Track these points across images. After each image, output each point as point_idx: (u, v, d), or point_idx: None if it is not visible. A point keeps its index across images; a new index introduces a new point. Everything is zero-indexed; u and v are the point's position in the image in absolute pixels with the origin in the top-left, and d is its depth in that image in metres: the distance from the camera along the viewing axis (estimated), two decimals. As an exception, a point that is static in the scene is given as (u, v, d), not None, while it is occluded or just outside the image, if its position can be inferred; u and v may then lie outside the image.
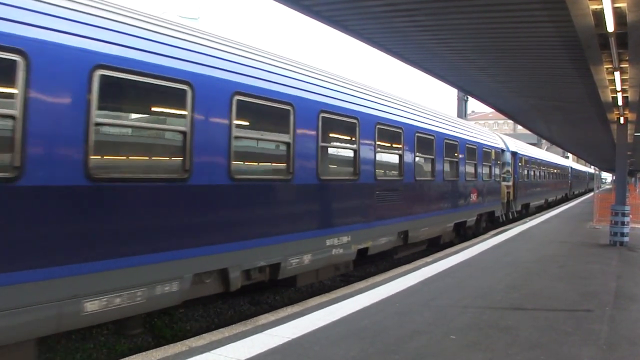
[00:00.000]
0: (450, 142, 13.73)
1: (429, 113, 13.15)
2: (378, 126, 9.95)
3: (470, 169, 15.61)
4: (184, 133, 6.00)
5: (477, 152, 16.06)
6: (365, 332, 5.75)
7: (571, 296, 7.75)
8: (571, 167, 48.33)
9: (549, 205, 32.49)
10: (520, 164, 23.20)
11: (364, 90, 10.11)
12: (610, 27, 7.52)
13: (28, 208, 4.64)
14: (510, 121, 44.04)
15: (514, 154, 22.15)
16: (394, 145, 10.98)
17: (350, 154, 9.33)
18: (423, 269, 9.78)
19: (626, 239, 13.60)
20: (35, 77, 4.64)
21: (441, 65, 13.11)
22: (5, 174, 4.46)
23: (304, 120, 7.90)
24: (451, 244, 14.36)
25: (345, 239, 8.95)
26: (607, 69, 10.34)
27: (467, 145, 15.02)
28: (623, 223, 13.61)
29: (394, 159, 11.01)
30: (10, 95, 4.58)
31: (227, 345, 5.27)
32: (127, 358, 5.11)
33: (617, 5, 7.00)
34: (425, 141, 12.25)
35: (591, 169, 69.40)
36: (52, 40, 4.79)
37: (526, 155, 25.25)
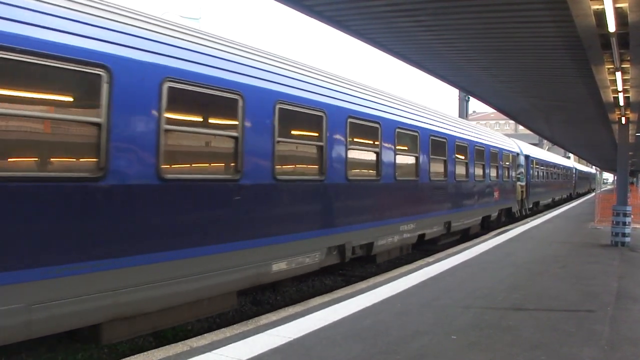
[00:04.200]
0: (479, 148, 16.30)
1: (463, 125, 16.28)
2: (432, 137, 12.46)
3: (493, 171, 18.06)
4: (320, 145, 8.55)
5: (498, 156, 18.67)
6: (367, 332, 5.75)
7: (573, 296, 7.75)
8: (575, 168, 50.19)
9: (555, 204, 34.70)
10: (532, 165, 25.47)
11: (425, 111, 12.82)
12: (612, 27, 7.52)
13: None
14: (511, 121, 44.01)
15: (526, 156, 24.35)
16: (441, 153, 13.37)
17: (412, 160, 11.80)
18: (424, 268, 9.77)
19: (628, 239, 13.57)
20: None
21: (443, 65, 13.12)
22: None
23: (387, 132, 10.36)
24: (475, 236, 16.10)
25: (412, 225, 11.48)
26: (608, 69, 10.33)
27: (491, 150, 17.63)
28: (624, 223, 13.58)
29: (440, 164, 13.37)
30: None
31: (229, 345, 5.27)
32: (128, 358, 5.11)
33: (618, 5, 7.00)
34: (461, 148, 14.71)
35: (593, 170, 69.21)
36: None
37: (537, 158, 27.57)
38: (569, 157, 61.51)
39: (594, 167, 69.18)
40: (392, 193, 10.73)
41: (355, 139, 9.39)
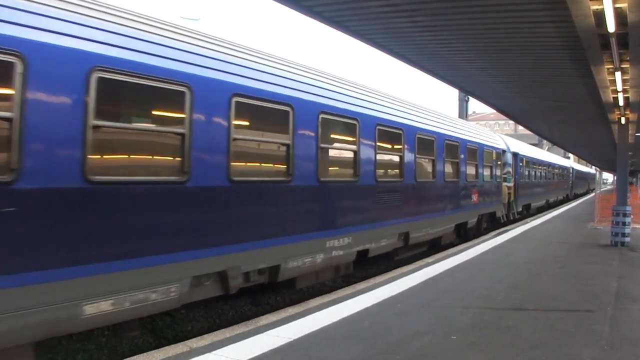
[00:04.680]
0: (451, 142, 13.73)
1: (428, 113, 13.05)
2: (379, 128, 10.04)
3: (471, 170, 15.50)
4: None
5: (478, 153, 16.03)
6: (367, 333, 5.75)
7: (572, 296, 7.75)
8: (572, 168, 47.77)
9: (549, 206, 32.17)
10: (521, 164, 23.17)
11: (368, 93, 10.38)
12: (611, 27, 7.52)
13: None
14: (511, 122, 44.07)
15: (515, 154, 22.08)
16: (394, 148, 10.91)
17: (349, 156, 9.32)
18: (424, 269, 9.78)
19: (627, 239, 13.59)
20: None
21: (442, 65, 13.12)
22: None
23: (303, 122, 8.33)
24: (451, 245, 14.09)
25: (346, 240, 9.05)
26: (608, 69, 10.33)
27: (467, 145, 14.98)
28: (624, 223, 13.59)
29: (392, 161, 10.97)
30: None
31: (229, 346, 5.27)
32: (128, 359, 5.11)
33: (617, 5, 7.00)
34: (426, 142, 12.17)
35: (592, 170, 69.13)
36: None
37: (527, 156, 25.11)
38: (568, 157, 61.47)
39: (593, 167, 69.16)
40: (314, 199, 8.37)
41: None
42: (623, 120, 15.52)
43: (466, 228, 15.44)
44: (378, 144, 9.97)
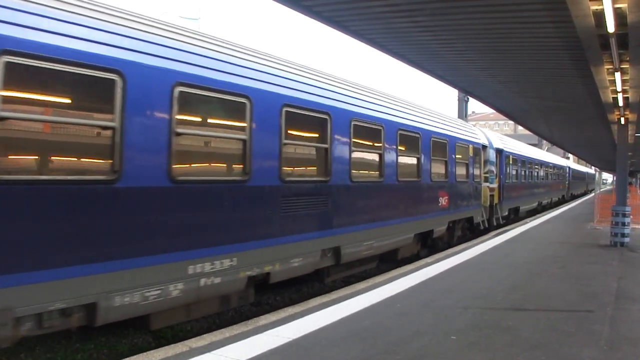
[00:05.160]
0: (408, 134, 11.08)
1: (372, 95, 10.43)
2: (287, 110, 7.64)
3: (438, 168, 12.92)
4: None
5: (447, 148, 13.35)
6: (366, 333, 5.75)
7: (572, 297, 7.75)
8: (569, 167, 45.03)
9: (543, 208, 29.92)
10: (507, 162, 20.63)
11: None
12: (611, 27, 7.52)
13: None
14: (510, 122, 44.06)
15: (499, 151, 19.46)
16: (314, 138, 8.62)
17: (236, 148, 6.96)
18: (424, 269, 9.78)
19: (627, 239, 13.60)
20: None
21: (442, 65, 13.12)
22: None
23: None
24: (417, 257, 12.13)
25: (227, 262, 6.60)
26: (607, 69, 10.33)
27: (433, 138, 12.37)
28: (624, 224, 13.60)
29: (310, 155, 8.61)
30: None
31: (228, 346, 5.27)
32: (128, 358, 5.11)
33: (617, 5, 7.00)
34: (370, 132, 9.75)
35: (591, 170, 69.08)
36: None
37: (515, 153, 22.49)
38: (568, 157, 61.43)
39: (593, 167, 69.17)
40: (163, 208, 5.86)
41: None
42: (623, 121, 15.52)
43: (432, 237, 12.76)
44: (288, 131, 7.71)
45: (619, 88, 11.65)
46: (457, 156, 14.07)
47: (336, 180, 8.66)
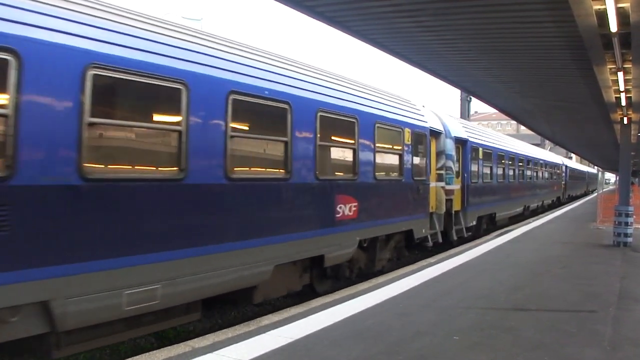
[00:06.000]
0: (273, 104, 7.27)
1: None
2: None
3: (337, 158, 8.94)
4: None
5: (357, 129, 9.09)
6: (369, 333, 5.75)
7: (574, 297, 7.74)
8: (566, 166, 39.25)
9: (533, 213, 25.92)
10: (474, 157, 16.06)
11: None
12: (614, 27, 7.51)
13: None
14: (513, 122, 44.01)
15: (461, 141, 14.95)
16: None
17: None
18: (426, 269, 9.78)
19: (630, 239, 13.57)
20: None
21: (444, 65, 13.11)
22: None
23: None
24: (314, 294, 8.65)
25: None
26: (610, 69, 10.31)
27: (321, 113, 8.13)
28: (627, 223, 13.57)
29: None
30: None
31: (231, 346, 5.28)
32: (130, 359, 5.12)
33: (620, 5, 6.98)
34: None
35: (592, 169, 68.55)
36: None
37: (487, 146, 17.63)
38: (570, 157, 61.10)
39: (596, 167, 68.90)
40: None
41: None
42: (625, 120, 15.48)
43: (322, 266, 8.44)
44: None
45: (621, 88, 11.62)
46: (378, 143, 9.72)
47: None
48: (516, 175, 21.83)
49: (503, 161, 19.64)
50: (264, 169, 7.49)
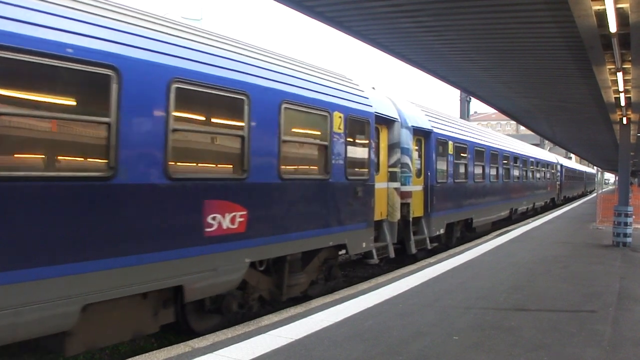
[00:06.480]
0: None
1: None
2: None
3: (210, 151, 6.59)
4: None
5: (248, 110, 6.63)
6: (369, 333, 5.75)
7: (574, 297, 7.74)
8: (561, 165, 35.88)
9: (523, 217, 23.76)
10: (442, 151, 13.31)
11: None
12: (613, 27, 7.52)
13: None
14: (513, 122, 44.01)
15: (423, 133, 12.27)
16: None
17: None
18: (426, 269, 9.78)
19: (629, 239, 13.58)
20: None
21: (444, 66, 13.12)
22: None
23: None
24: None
25: None
26: (609, 69, 10.32)
27: (179, 83, 5.76)
28: (626, 224, 13.58)
29: None
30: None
31: (231, 346, 5.28)
32: (130, 359, 5.12)
33: (619, 5, 7.00)
34: None
35: (591, 169, 68.32)
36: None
37: (459, 139, 14.55)
38: (570, 158, 61.00)
39: (595, 167, 68.90)
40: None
41: None
42: (625, 121, 15.49)
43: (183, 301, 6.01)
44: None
45: (621, 88, 11.64)
46: (286, 130, 7.26)
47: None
48: (500, 175, 19.05)
49: (483, 158, 16.85)
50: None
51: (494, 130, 27.56)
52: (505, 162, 19.93)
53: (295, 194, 7.58)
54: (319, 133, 8.19)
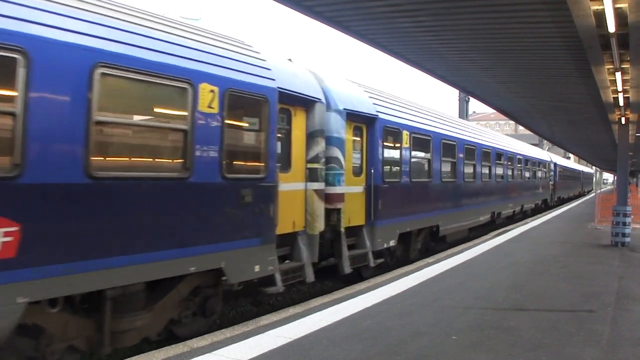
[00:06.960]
0: None
1: None
2: None
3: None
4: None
5: (26, 76, 4.35)
6: (367, 333, 5.75)
7: (573, 297, 7.75)
8: (555, 163, 33.23)
9: (509, 220, 21.46)
10: (392, 143, 10.84)
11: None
12: (612, 27, 7.53)
13: None
14: (511, 122, 43.98)
15: (366, 119, 9.87)
16: None
17: None
18: (425, 269, 9.78)
19: (628, 239, 13.59)
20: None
21: (443, 66, 13.12)
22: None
23: None
24: None
25: None
26: (608, 69, 10.34)
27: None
28: (625, 224, 13.59)
29: None
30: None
31: (229, 346, 5.28)
32: (130, 359, 5.11)
33: (618, 5, 7.00)
34: None
35: (588, 168, 68.22)
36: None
37: (419, 129, 11.86)
38: (569, 158, 60.95)
39: (594, 167, 68.89)
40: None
41: None
42: (623, 121, 15.52)
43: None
44: None
45: (619, 88, 11.65)
46: (103, 107, 5.05)
47: None
48: (478, 173, 16.28)
49: (454, 153, 14.05)
50: None
51: (492, 130, 26.70)
52: (486, 158, 17.18)
53: (121, 199, 5.20)
54: (172, 112, 6.00)
